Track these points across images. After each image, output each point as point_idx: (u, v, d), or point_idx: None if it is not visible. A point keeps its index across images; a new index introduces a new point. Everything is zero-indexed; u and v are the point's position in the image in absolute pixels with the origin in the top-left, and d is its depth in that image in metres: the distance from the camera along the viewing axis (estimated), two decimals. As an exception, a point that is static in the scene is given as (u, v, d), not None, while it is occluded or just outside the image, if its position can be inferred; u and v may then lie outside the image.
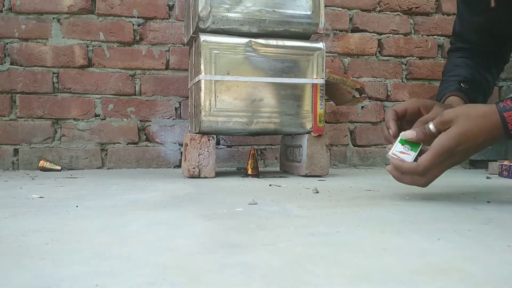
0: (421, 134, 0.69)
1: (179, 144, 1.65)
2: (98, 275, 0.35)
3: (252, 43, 1.22)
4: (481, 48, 0.88)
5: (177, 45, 1.65)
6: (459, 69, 0.88)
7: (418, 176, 0.69)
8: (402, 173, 0.71)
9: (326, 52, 1.58)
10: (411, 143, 0.71)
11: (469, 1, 0.87)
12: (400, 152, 0.71)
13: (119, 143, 1.61)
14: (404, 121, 0.77)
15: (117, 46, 1.61)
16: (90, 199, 0.79)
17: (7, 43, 1.54)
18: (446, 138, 0.65)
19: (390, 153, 0.72)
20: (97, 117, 1.60)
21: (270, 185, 1.04)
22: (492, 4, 0.77)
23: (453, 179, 1.27)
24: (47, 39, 1.56)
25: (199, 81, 1.21)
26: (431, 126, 0.68)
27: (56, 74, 1.57)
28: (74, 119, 1.58)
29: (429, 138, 0.68)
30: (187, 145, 1.23)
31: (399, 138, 0.72)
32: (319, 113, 1.28)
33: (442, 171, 0.69)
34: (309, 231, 0.51)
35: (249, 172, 1.30)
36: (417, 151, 0.71)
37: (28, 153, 1.55)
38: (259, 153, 1.71)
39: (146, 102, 1.63)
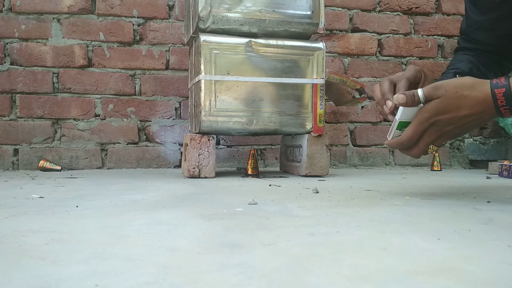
0: (410, 99, 0.69)
1: (179, 144, 1.65)
2: (98, 275, 0.35)
3: (252, 43, 1.22)
4: (486, 48, 0.88)
5: (177, 45, 1.65)
6: (459, 63, 0.89)
7: (408, 149, 0.72)
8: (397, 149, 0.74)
9: (326, 52, 1.58)
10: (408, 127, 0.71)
11: (476, 0, 0.87)
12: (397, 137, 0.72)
13: (119, 143, 1.61)
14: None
15: (117, 46, 1.61)
16: (90, 199, 0.79)
17: (7, 43, 1.54)
18: (426, 109, 0.67)
19: (388, 140, 0.73)
20: (97, 117, 1.60)
21: (270, 185, 1.04)
22: None
23: (453, 179, 1.27)
24: (47, 39, 1.56)
25: (199, 81, 1.21)
26: (420, 93, 0.69)
27: (56, 74, 1.57)
28: (74, 119, 1.58)
29: (417, 105, 0.70)
30: (187, 145, 1.23)
31: (396, 125, 0.72)
32: (319, 113, 1.28)
33: (430, 140, 0.70)
34: (309, 231, 0.51)
35: (249, 172, 1.30)
36: None
37: (28, 153, 1.55)
38: (259, 153, 1.71)
39: (146, 102, 1.63)
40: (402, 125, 0.71)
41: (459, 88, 0.66)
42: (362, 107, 1.77)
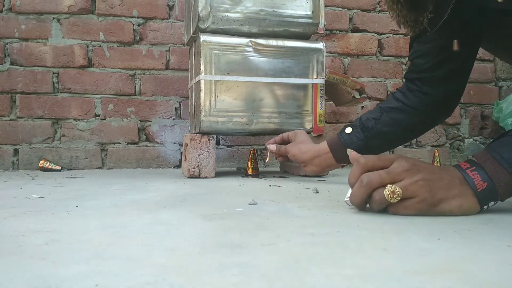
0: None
1: (179, 144, 1.65)
2: (98, 275, 0.35)
3: (252, 43, 1.22)
4: (427, 76, 0.91)
5: (177, 45, 1.65)
6: (370, 112, 1.02)
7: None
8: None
9: (326, 52, 1.58)
10: None
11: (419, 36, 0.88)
12: None
13: (119, 143, 1.61)
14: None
15: (117, 46, 1.61)
16: (90, 199, 0.79)
17: (7, 43, 1.54)
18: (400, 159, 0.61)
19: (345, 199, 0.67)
20: (97, 117, 1.60)
21: (270, 185, 1.04)
22: (455, 47, 0.77)
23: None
24: (47, 39, 1.56)
25: (199, 81, 1.21)
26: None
27: (56, 74, 1.57)
28: (74, 119, 1.58)
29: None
30: (187, 145, 1.23)
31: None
32: (319, 113, 1.28)
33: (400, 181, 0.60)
34: (309, 231, 0.51)
35: (249, 172, 1.30)
36: None
37: (28, 153, 1.55)
38: (259, 153, 1.71)
39: (146, 102, 1.63)
40: None
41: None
42: (362, 107, 1.77)
